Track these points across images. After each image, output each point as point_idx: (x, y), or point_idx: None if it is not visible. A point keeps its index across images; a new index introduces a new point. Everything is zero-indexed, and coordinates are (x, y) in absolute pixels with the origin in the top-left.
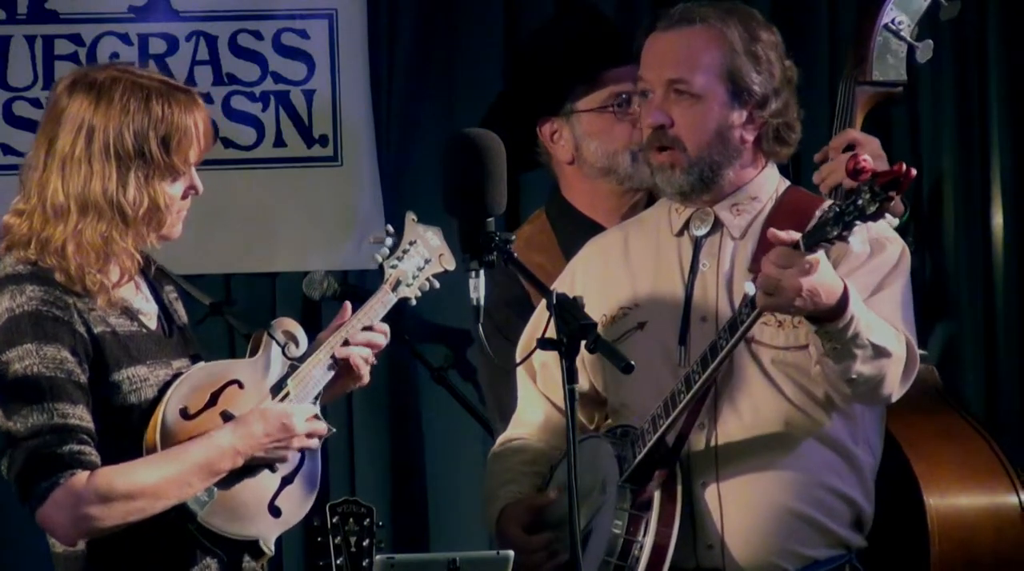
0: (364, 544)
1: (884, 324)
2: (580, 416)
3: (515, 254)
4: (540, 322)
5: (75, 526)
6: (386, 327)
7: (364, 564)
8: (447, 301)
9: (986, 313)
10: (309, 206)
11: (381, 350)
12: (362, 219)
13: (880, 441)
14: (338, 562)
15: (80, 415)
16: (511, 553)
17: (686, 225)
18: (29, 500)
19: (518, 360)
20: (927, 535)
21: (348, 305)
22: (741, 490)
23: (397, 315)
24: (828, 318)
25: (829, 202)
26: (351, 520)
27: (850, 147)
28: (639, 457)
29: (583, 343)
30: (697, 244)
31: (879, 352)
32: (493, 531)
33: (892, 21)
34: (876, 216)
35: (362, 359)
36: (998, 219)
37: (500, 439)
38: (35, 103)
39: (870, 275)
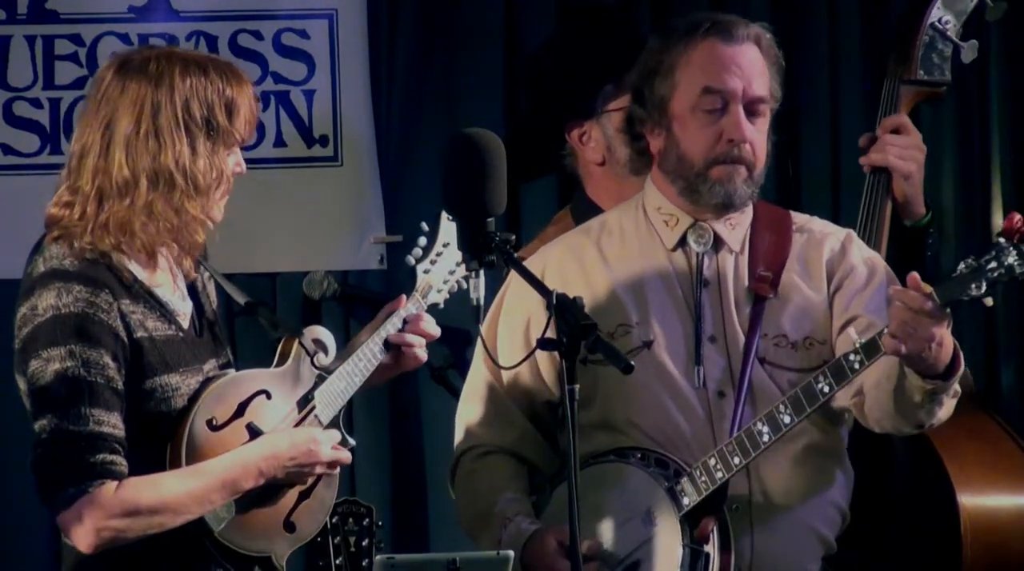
0: (364, 544)
1: None
2: (537, 424)
3: (515, 254)
4: (497, 320)
5: (97, 535)
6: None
7: (364, 564)
8: (447, 301)
9: (986, 314)
10: (309, 206)
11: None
12: (362, 219)
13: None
14: (338, 562)
15: (114, 423)
16: (511, 553)
17: (682, 240)
18: (53, 503)
19: (510, 363)
20: (959, 535)
21: (403, 297)
22: (772, 513)
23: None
24: (942, 375)
25: (805, 217)
26: (351, 520)
27: (897, 131)
28: (706, 493)
29: (583, 344)
30: (699, 260)
31: (955, 396)
32: (492, 547)
33: (939, 20)
34: None
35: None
36: (998, 219)
37: (465, 445)
38: (35, 103)
39: (877, 294)
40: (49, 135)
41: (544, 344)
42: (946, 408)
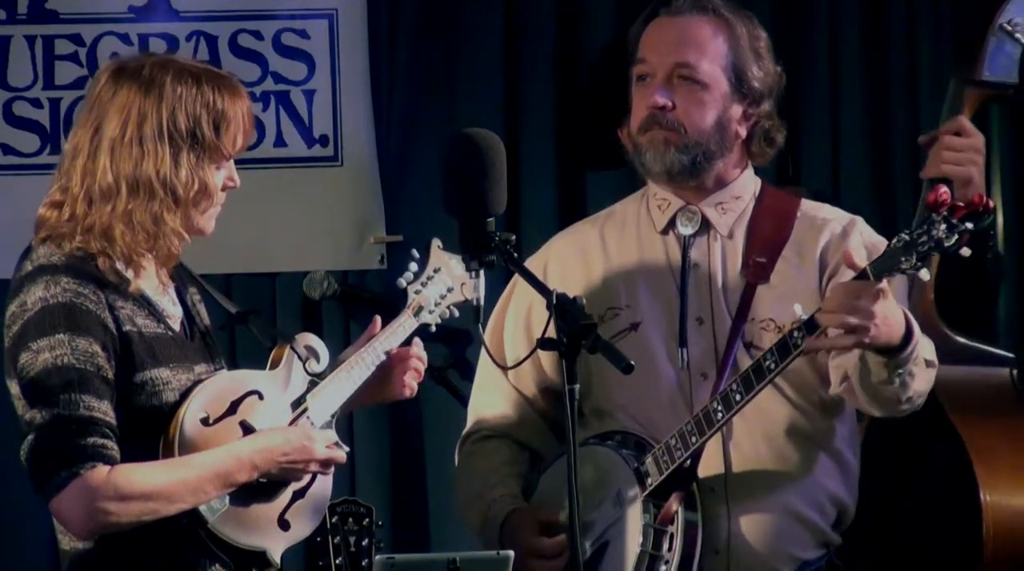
0: (363, 544)
1: (924, 335)
2: (541, 412)
3: (515, 254)
4: (504, 314)
5: (89, 519)
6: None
7: (363, 564)
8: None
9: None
10: (309, 206)
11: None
12: (362, 219)
13: (858, 441)
14: (337, 562)
15: (105, 410)
16: (511, 553)
17: (672, 223)
18: (45, 489)
19: (510, 361)
20: (982, 533)
21: (378, 319)
22: (748, 495)
23: (395, 315)
24: (897, 348)
25: (815, 204)
26: (350, 520)
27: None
28: (666, 473)
29: (582, 344)
30: (685, 243)
31: (929, 365)
32: (480, 530)
33: (1008, 22)
34: (955, 248)
35: (412, 371)
36: (998, 219)
37: (469, 431)
38: (35, 103)
39: None
40: (49, 135)
41: (544, 344)
42: (921, 380)
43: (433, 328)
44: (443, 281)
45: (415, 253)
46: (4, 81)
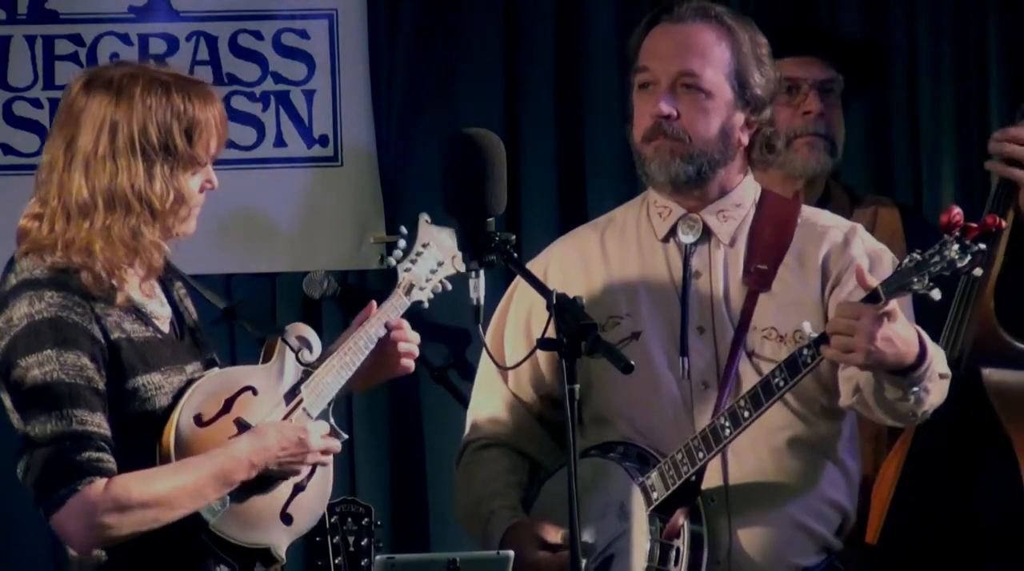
0: (363, 543)
1: (937, 347)
2: (540, 420)
3: (515, 254)
4: (505, 316)
5: (91, 534)
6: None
7: (363, 564)
8: (447, 301)
9: None
10: (309, 206)
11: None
12: (362, 219)
13: (857, 445)
14: (336, 562)
15: (98, 422)
16: (511, 553)
17: (673, 231)
18: (45, 505)
19: (510, 361)
20: None
21: (373, 303)
22: (750, 505)
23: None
24: (911, 367)
25: (815, 210)
26: (350, 519)
27: None
28: (673, 488)
29: (582, 344)
30: (687, 251)
31: (943, 377)
32: (481, 539)
33: None
34: (968, 268)
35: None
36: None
37: (467, 439)
38: (35, 103)
39: None
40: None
41: (544, 344)
42: (936, 393)
43: (426, 304)
44: (433, 255)
45: (403, 230)
46: (4, 81)
